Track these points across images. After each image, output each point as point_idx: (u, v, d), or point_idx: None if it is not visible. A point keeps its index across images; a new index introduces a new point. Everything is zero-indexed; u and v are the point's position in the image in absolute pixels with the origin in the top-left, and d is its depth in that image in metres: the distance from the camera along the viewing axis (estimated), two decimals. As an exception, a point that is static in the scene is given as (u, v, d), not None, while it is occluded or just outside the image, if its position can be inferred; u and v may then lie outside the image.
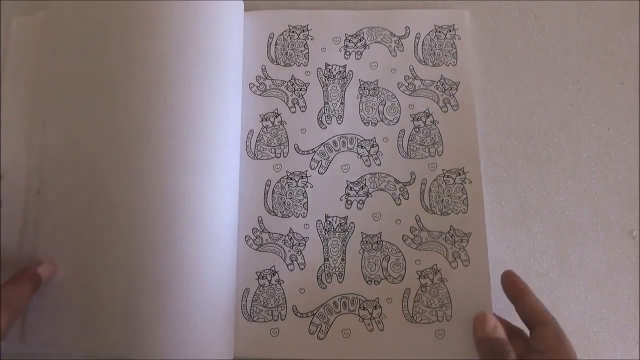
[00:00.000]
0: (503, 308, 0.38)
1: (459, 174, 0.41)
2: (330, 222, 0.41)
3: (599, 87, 0.44)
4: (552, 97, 0.44)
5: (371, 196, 0.41)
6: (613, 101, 0.44)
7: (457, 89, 0.43)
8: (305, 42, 0.44)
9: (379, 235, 0.40)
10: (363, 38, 0.45)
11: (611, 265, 0.41)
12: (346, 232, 0.41)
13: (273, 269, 0.40)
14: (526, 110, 0.44)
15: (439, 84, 0.43)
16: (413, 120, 0.43)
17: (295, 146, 0.42)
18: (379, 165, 0.42)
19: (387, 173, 0.42)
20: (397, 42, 0.44)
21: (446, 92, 0.43)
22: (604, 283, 0.41)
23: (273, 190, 0.42)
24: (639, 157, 0.43)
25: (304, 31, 0.45)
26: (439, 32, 0.45)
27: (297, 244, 0.41)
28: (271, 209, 0.41)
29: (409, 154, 0.42)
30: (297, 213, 0.41)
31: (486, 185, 0.42)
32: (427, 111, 0.43)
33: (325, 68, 0.44)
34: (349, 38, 0.45)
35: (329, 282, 0.40)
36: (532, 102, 0.44)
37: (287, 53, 0.44)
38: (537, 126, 0.44)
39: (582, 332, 0.40)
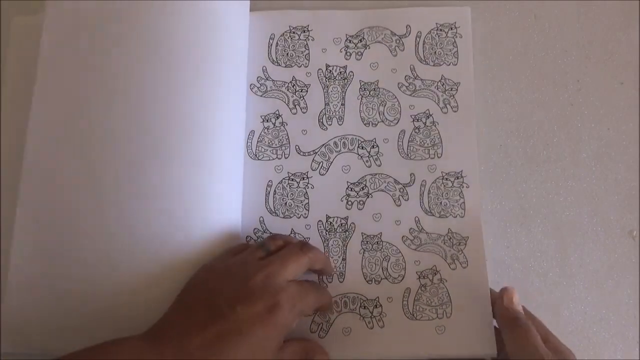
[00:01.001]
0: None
1: (457, 177, 0.41)
2: (331, 222, 0.41)
3: (599, 87, 0.44)
4: (552, 97, 0.44)
5: (371, 197, 0.41)
6: (613, 101, 0.44)
7: (457, 90, 0.43)
8: (305, 42, 0.44)
9: (379, 236, 0.40)
10: (364, 38, 0.44)
11: (611, 265, 0.41)
12: (347, 233, 0.41)
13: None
14: (526, 110, 0.44)
15: (439, 84, 0.43)
16: (413, 121, 0.43)
17: (297, 147, 0.42)
18: (379, 166, 0.42)
19: (387, 174, 0.42)
20: (397, 41, 0.44)
21: (446, 92, 0.43)
22: (604, 283, 0.41)
23: (274, 191, 0.42)
24: (639, 157, 0.43)
25: (304, 32, 0.45)
26: (441, 30, 0.44)
27: (298, 245, 0.41)
28: (273, 209, 0.41)
29: (409, 155, 0.42)
30: (298, 214, 0.41)
31: (486, 185, 0.42)
32: (427, 112, 0.43)
33: (326, 69, 0.44)
34: (350, 39, 0.44)
35: (330, 282, 0.40)
36: (532, 102, 0.44)
37: (287, 54, 0.44)
38: (537, 126, 0.44)
39: (582, 332, 0.40)
